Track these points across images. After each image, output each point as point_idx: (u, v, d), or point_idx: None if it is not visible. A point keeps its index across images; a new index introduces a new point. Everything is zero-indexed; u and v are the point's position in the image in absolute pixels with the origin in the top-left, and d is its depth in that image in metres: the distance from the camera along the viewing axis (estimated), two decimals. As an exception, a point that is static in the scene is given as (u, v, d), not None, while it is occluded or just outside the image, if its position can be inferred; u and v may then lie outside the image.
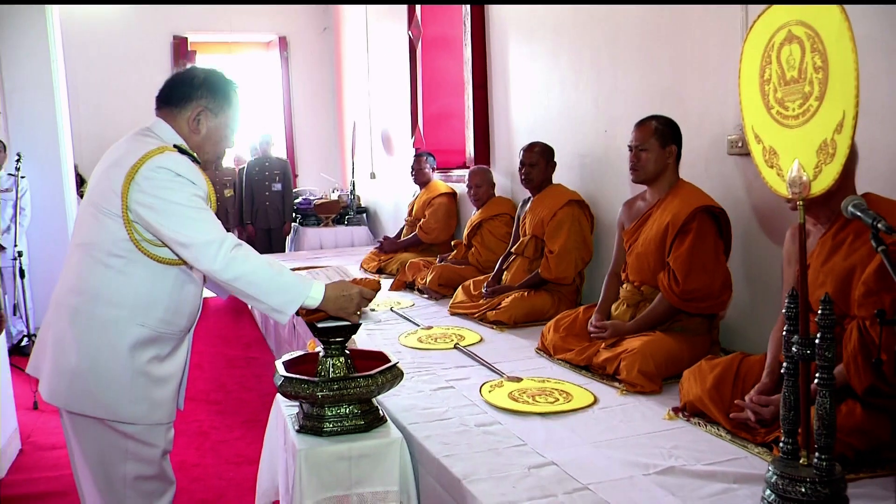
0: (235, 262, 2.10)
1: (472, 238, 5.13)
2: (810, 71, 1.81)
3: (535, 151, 4.33)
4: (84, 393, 2.12)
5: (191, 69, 2.34)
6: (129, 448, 2.18)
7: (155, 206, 2.07)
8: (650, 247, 3.16)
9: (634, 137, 3.21)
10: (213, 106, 2.27)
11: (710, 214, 3.07)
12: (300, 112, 10.64)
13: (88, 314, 2.13)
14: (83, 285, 2.15)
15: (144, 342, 2.16)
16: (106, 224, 2.12)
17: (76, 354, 2.12)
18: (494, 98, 5.64)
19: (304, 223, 8.69)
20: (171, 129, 2.25)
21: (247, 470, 3.77)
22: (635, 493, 1.99)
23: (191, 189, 2.11)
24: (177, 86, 2.28)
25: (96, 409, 2.13)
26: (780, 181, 1.94)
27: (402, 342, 3.71)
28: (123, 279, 2.13)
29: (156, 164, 2.09)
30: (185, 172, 2.12)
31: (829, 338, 1.73)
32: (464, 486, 2.07)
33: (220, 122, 2.30)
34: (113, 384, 2.12)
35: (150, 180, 2.08)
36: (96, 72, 9.58)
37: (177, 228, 2.07)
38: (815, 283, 2.24)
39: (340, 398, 2.36)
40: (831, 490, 1.75)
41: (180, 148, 2.20)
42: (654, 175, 3.20)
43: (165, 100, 2.28)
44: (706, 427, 2.42)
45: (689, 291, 3.00)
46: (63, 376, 2.14)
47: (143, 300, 2.15)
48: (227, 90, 2.30)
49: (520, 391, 2.84)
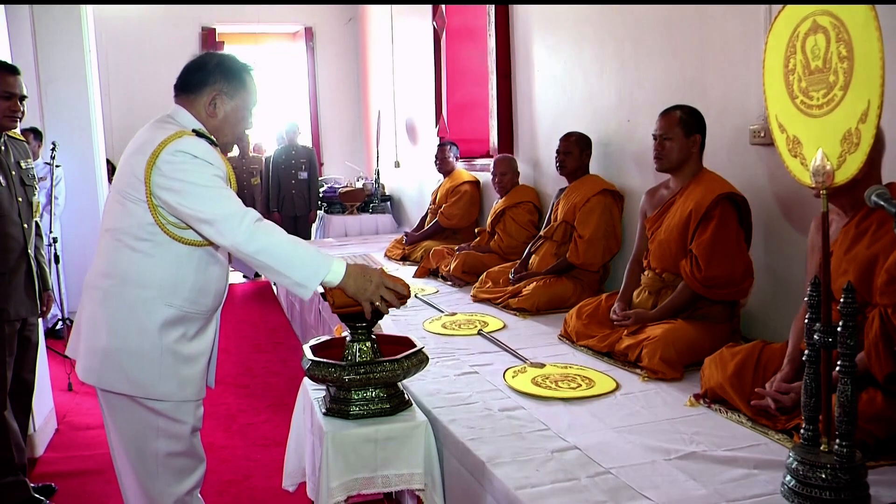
0: (259, 234, 2.11)
1: (496, 225, 5.14)
2: (835, 60, 1.80)
3: (571, 141, 4.36)
4: (115, 371, 2.17)
5: (205, 55, 2.35)
6: (160, 425, 2.22)
7: (176, 189, 2.11)
8: (673, 234, 3.15)
9: (659, 126, 3.20)
10: (229, 89, 2.30)
11: (733, 202, 3.06)
12: (326, 101, 10.66)
13: (118, 296, 2.18)
14: (112, 268, 2.20)
15: (172, 321, 2.20)
16: (131, 209, 2.16)
17: (107, 334, 2.17)
18: (518, 88, 5.62)
19: (330, 211, 8.72)
20: (189, 115, 2.28)
21: (273, 452, 3.81)
22: (657, 477, 1.99)
23: (209, 170, 2.14)
24: (192, 72, 2.31)
25: (127, 386, 2.17)
26: (804, 170, 1.93)
27: (426, 328, 3.72)
28: (150, 261, 2.17)
29: (175, 148, 2.12)
30: (202, 154, 2.14)
31: (850, 326, 1.72)
32: (488, 469, 2.09)
33: (236, 105, 2.33)
34: (143, 362, 2.16)
35: (170, 164, 2.11)
36: (127, 63, 9.64)
37: (198, 207, 2.09)
38: (838, 271, 2.23)
39: (367, 382, 2.38)
40: (851, 476, 1.75)
41: (198, 132, 2.23)
42: (677, 164, 3.19)
43: (182, 87, 2.32)
44: (727, 414, 2.42)
45: (711, 278, 2.99)
46: (95, 355, 2.19)
47: (169, 281, 2.19)
48: (240, 73, 2.33)
49: (543, 377, 2.85)
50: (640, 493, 1.90)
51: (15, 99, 3.26)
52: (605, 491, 1.93)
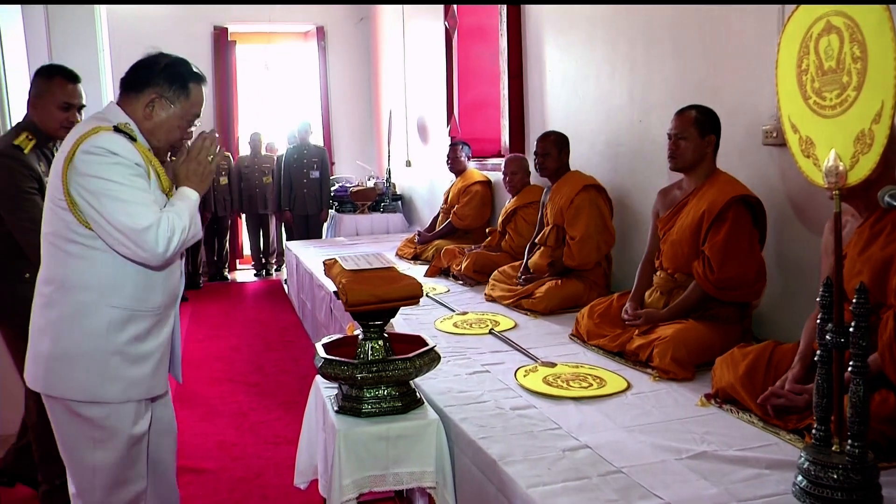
0: (174, 244, 2.08)
1: (507, 225, 5.14)
2: (848, 61, 1.80)
3: (549, 141, 4.37)
4: (60, 377, 2.14)
5: (157, 55, 2.25)
6: (96, 435, 2.18)
7: (90, 188, 2.04)
8: (685, 234, 3.15)
9: (674, 125, 3.19)
10: (170, 94, 2.21)
11: (746, 204, 3.06)
12: (337, 101, 10.68)
13: (59, 301, 2.13)
14: (51, 274, 2.16)
15: (120, 322, 2.15)
16: (58, 212, 2.10)
17: (50, 340, 2.14)
18: (529, 87, 5.62)
19: (341, 210, 8.74)
20: (123, 112, 2.20)
21: (284, 449, 3.83)
22: (668, 476, 2.00)
23: (126, 170, 2.06)
24: (138, 70, 2.22)
25: (72, 391, 2.14)
26: (817, 171, 1.92)
27: (437, 327, 3.73)
28: (85, 263, 2.12)
29: (90, 143, 2.05)
30: (118, 150, 2.06)
31: (863, 326, 1.72)
32: (499, 468, 2.09)
33: (174, 113, 2.23)
34: (88, 365, 2.12)
35: (85, 162, 2.05)
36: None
37: (112, 213, 2.03)
38: (852, 272, 2.23)
39: (379, 380, 2.39)
40: (864, 477, 1.75)
41: (118, 127, 2.13)
42: (691, 163, 3.19)
43: (125, 83, 2.23)
44: (738, 413, 2.42)
45: (724, 280, 2.99)
46: (40, 362, 2.16)
47: (108, 282, 2.14)
48: (186, 81, 2.23)
49: (554, 376, 2.86)
50: (651, 492, 1.90)
51: (73, 110, 3.08)
52: (616, 490, 1.93)
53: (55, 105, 3.05)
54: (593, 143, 4.62)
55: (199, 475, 3.62)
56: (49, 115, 3.06)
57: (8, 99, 3.91)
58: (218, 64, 10.14)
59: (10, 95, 3.95)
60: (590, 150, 4.60)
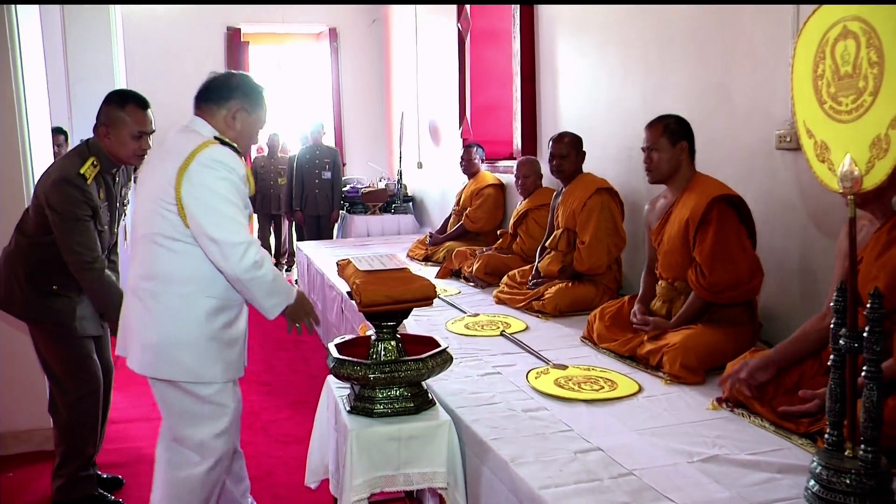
0: (253, 268, 2.43)
1: (518, 227, 5.14)
2: (865, 66, 1.80)
3: (566, 143, 4.33)
4: (168, 361, 2.48)
5: (228, 74, 2.65)
6: (206, 412, 2.56)
7: (199, 197, 2.39)
8: (675, 244, 3.15)
9: (645, 139, 3.22)
10: (248, 105, 2.59)
11: (728, 203, 3.05)
12: (349, 102, 10.70)
13: (163, 294, 2.47)
14: (154, 270, 2.49)
15: (215, 311, 2.51)
16: (165, 214, 2.44)
17: (157, 330, 2.47)
18: (542, 90, 5.63)
19: (352, 211, 8.75)
20: (208, 125, 2.53)
21: (295, 449, 3.84)
22: (680, 479, 2.00)
23: (233, 181, 2.42)
24: (216, 87, 2.58)
25: (180, 374, 2.49)
26: (832, 176, 1.92)
27: (449, 328, 3.74)
28: (188, 259, 2.47)
29: (203, 156, 2.40)
30: (228, 160, 2.43)
31: (877, 331, 1.72)
32: (511, 469, 2.10)
33: (253, 120, 2.62)
34: (192, 351, 2.48)
35: (199, 173, 2.39)
36: (153, 62, 9.71)
37: (211, 223, 2.38)
38: (868, 276, 2.22)
39: (391, 380, 2.40)
40: (877, 482, 1.75)
41: (220, 139, 2.49)
42: (668, 174, 3.20)
43: (205, 99, 2.57)
44: (750, 418, 2.42)
45: (716, 283, 2.98)
46: (148, 350, 2.49)
47: (207, 275, 2.49)
48: (259, 93, 2.63)
49: (565, 378, 2.86)
50: (662, 495, 1.91)
51: (146, 137, 3.15)
52: (627, 492, 1.93)
53: (129, 135, 3.12)
54: (605, 146, 4.62)
55: (210, 473, 3.63)
56: (122, 144, 3.13)
57: (25, 99, 3.94)
58: (231, 64, 10.18)
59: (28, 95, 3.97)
60: (602, 153, 4.60)
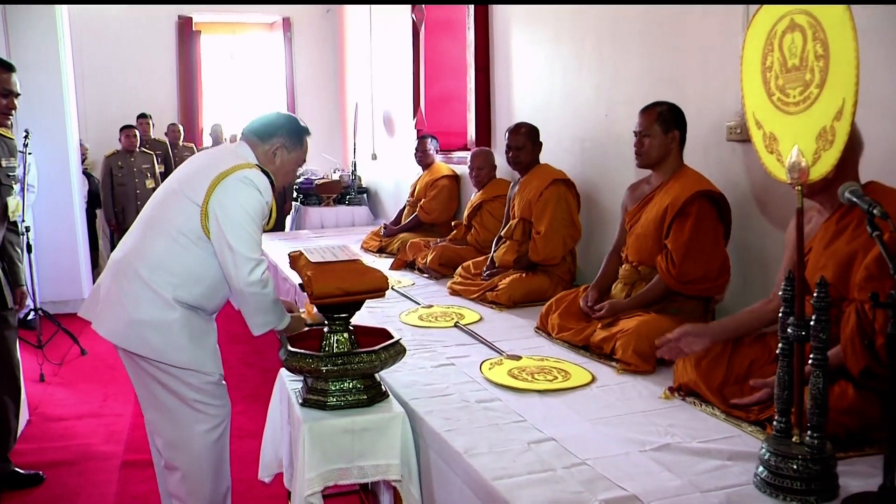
0: (258, 285, 2.56)
1: (472, 219, 5.14)
2: (812, 59, 1.82)
3: (522, 133, 4.34)
4: (139, 337, 2.58)
5: (278, 113, 2.89)
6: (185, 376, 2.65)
7: (229, 207, 2.55)
8: (649, 228, 3.18)
9: (639, 123, 3.23)
10: (290, 144, 2.78)
11: (710, 199, 3.09)
12: (303, 92, 10.61)
13: (150, 278, 2.58)
14: (147, 251, 2.61)
15: (191, 307, 2.63)
16: (185, 208, 2.59)
17: (135, 307, 2.58)
18: (496, 81, 5.63)
19: (306, 202, 8.68)
20: (252, 153, 2.74)
21: (249, 443, 3.80)
22: (632, 468, 2.01)
23: (261, 205, 2.60)
24: (265, 123, 2.80)
25: (148, 350, 2.59)
26: (780, 167, 1.95)
27: (402, 320, 3.73)
28: (185, 253, 2.60)
29: (243, 174, 2.59)
30: (262, 187, 2.61)
31: (823, 319, 1.75)
32: (465, 460, 2.10)
33: (292, 158, 2.82)
34: (162, 333, 2.57)
35: (234, 188, 2.57)
36: (102, 51, 9.55)
37: (233, 235, 2.53)
38: (817, 266, 2.26)
39: (344, 373, 2.38)
40: (822, 467, 1.79)
41: (262, 168, 2.68)
42: (657, 160, 3.22)
43: (253, 131, 2.79)
44: (701, 406, 2.45)
45: (686, 274, 3.02)
46: (121, 322, 2.59)
47: (194, 273, 2.62)
48: (301, 135, 2.84)
49: (519, 369, 2.87)
50: (615, 484, 1.92)
51: (11, 97, 3.34)
52: (581, 482, 1.94)
53: None
54: (560, 137, 4.64)
55: (161, 469, 3.58)
56: None
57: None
58: (182, 54, 10.04)
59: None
60: (556, 145, 4.62)
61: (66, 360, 5.59)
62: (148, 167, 8.18)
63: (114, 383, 5.09)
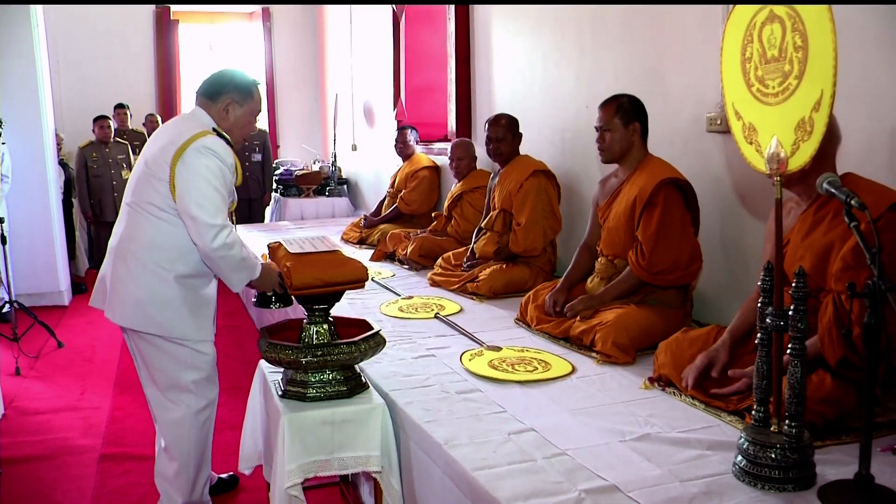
0: (223, 249, 2.64)
1: (453, 210, 5.14)
2: (791, 50, 1.84)
3: (502, 125, 4.35)
4: (144, 316, 2.74)
5: (223, 71, 2.95)
6: (187, 358, 2.83)
7: (189, 178, 2.65)
8: (620, 221, 3.19)
9: (598, 118, 3.24)
10: (239, 98, 2.87)
11: (676, 187, 3.10)
12: (282, 83, 10.55)
13: (145, 257, 2.73)
14: (139, 235, 2.76)
15: (188, 276, 2.78)
16: (158, 187, 2.72)
17: (136, 288, 2.74)
18: (477, 72, 5.62)
19: (286, 194, 8.64)
20: (207, 115, 2.84)
21: (228, 435, 3.79)
22: (612, 458, 2.03)
23: (221, 168, 2.70)
24: (212, 83, 2.89)
25: (154, 327, 2.75)
26: (759, 157, 1.97)
27: (383, 311, 3.73)
28: (171, 229, 2.73)
29: (199, 143, 2.69)
30: (219, 151, 2.71)
31: (801, 310, 1.77)
32: (445, 451, 2.10)
33: (245, 111, 2.89)
34: (166, 308, 2.74)
35: (191, 159, 2.67)
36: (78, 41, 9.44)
37: (193, 204, 2.63)
38: (795, 257, 2.28)
39: (324, 364, 2.38)
40: (800, 456, 1.81)
41: (217, 131, 2.79)
42: (620, 154, 3.23)
43: (203, 93, 2.88)
44: (681, 396, 2.46)
45: (656, 264, 3.04)
46: (127, 304, 2.76)
47: (185, 246, 2.74)
48: (250, 87, 2.91)
49: (499, 360, 2.88)
50: (595, 474, 1.93)
51: None
52: (561, 472, 1.95)
53: None
54: (540, 128, 4.64)
55: (140, 462, 3.56)
56: None
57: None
58: (160, 44, 9.94)
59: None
60: (537, 135, 4.62)
61: (42, 353, 5.52)
62: (123, 158, 8.10)
63: (91, 376, 5.04)
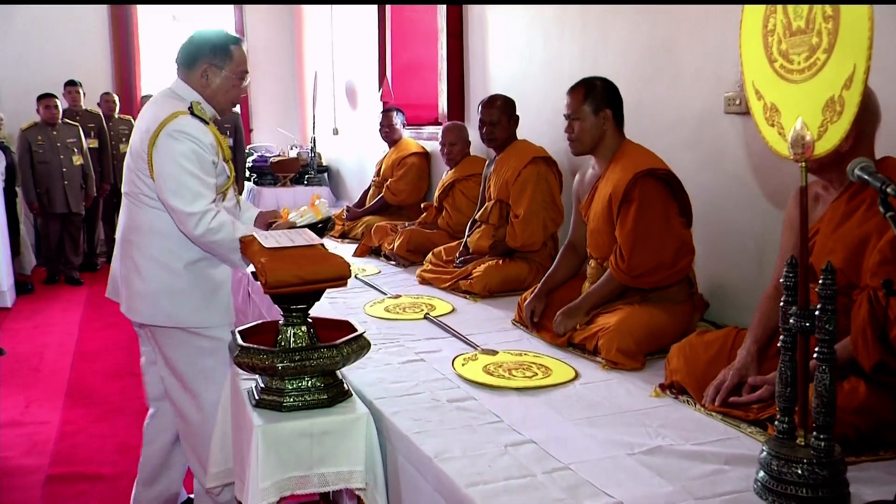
0: (208, 234, 2.75)
1: (444, 200, 5.13)
2: (819, 20, 1.81)
3: (497, 107, 4.33)
4: (156, 308, 2.86)
5: (194, 34, 2.96)
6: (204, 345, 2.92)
7: (163, 166, 2.74)
8: (599, 222, 3.17)
9: (566, 106, 3.21)
10: (217, 61, 2.90)
11: (655, 178, 3.06)
12: (256, 61, 10.39)
13: (148, 246, 2.86)
14: (138, 224, 2.88)
15: (196, 260, 2.88)
16: (142, 178, 2.83)
17: (144, 279, 2.86)
18: (470, 49, 5.61)
19: (260, 182, 8.62)
20: (188, 87, 2.89)
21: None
22: (619, 473, 2.01)
23: (196, 151, 2.76)
24: (186, 50, 2.93)
25: (167, 319, 2.87)
26: (782, 141, 1.94)
27: (367, 312, 3.71)
28: (168, 216, 2.82)
29: (170, 128, 2.74)
30: (192, 131, 2.76)
31: (830, 309, 1.74)
32: (436, 465, 2.08)
33: (226, 74, 2.93)
34: (177, 298, 2.86)
35: (163, 146, 2.74)
36: (19, 8, 9.34)
37: (170, 192, 2.73)
38: (825, 250, 2.25)
39: (302, 370, 2.36)
40: (830, 472, 1.77)
41: (193, 110, 2.81)
42: (591, 145, 3.20)
43: (180, 62, 2.92)
44: (695, 405, 2.45)
45: (636, 267, 2.99)
46: (136, 298, 2.89)
47: None
48: (227, 45, 2.93)
49: (495, 365, 2.86)
50: (601, 491, 1.91)
51: None
52: (563, 488, 1.94)
53: None
54: (540, 110, 4.63)
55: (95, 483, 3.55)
56: None
57: None
58: (115, 14, 9.83)
59: None
60: (536, 118, 4.61)
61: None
62: (74, 141, 7.94)
63: (38, 386, 4.99)
